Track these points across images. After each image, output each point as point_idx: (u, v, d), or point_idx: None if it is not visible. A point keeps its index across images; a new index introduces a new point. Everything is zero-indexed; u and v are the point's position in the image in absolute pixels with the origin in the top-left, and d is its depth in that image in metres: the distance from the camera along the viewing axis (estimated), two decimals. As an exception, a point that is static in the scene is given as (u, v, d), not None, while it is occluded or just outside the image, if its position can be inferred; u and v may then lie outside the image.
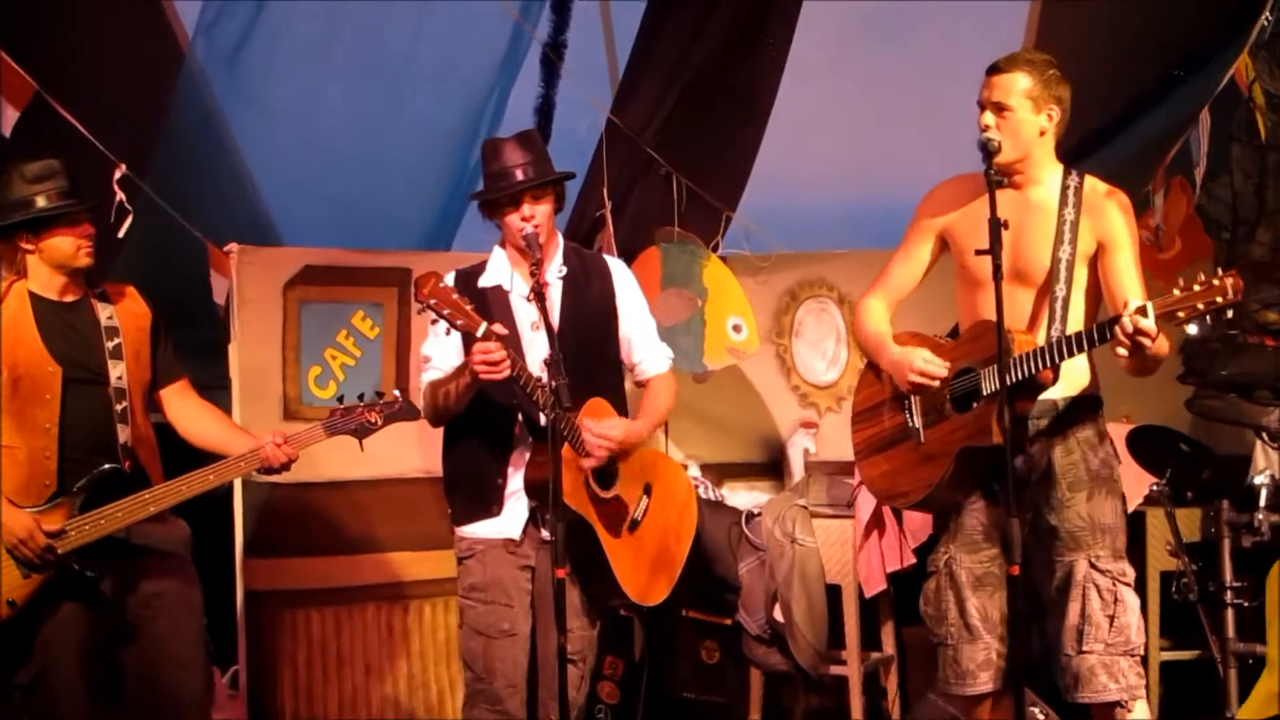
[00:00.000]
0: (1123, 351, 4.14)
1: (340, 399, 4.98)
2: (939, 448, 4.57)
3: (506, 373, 4.45)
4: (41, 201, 4.74)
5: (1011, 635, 4.48)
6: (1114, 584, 4.49)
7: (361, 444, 4.97)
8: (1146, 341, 4.10)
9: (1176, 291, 4.07)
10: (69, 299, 4.84)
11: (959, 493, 4.62)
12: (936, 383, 4.55)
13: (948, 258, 4.78)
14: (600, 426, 4.72)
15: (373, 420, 4.93)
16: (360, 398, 4.95)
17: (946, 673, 4.71)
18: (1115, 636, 4.48)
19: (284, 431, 4.89)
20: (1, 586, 4.61)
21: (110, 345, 4.84)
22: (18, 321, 4.74)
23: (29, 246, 4.77)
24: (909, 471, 4.68)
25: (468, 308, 4.43)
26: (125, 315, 4.92)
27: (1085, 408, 4.60)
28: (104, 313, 4.88)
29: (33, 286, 4.80)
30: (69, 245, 4.76)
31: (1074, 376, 4.55)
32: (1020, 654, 4.48)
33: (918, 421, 4.65)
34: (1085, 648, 4.48)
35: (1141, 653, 4.57)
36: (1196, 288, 4.03)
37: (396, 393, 5.00)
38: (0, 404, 4.70)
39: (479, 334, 4.43)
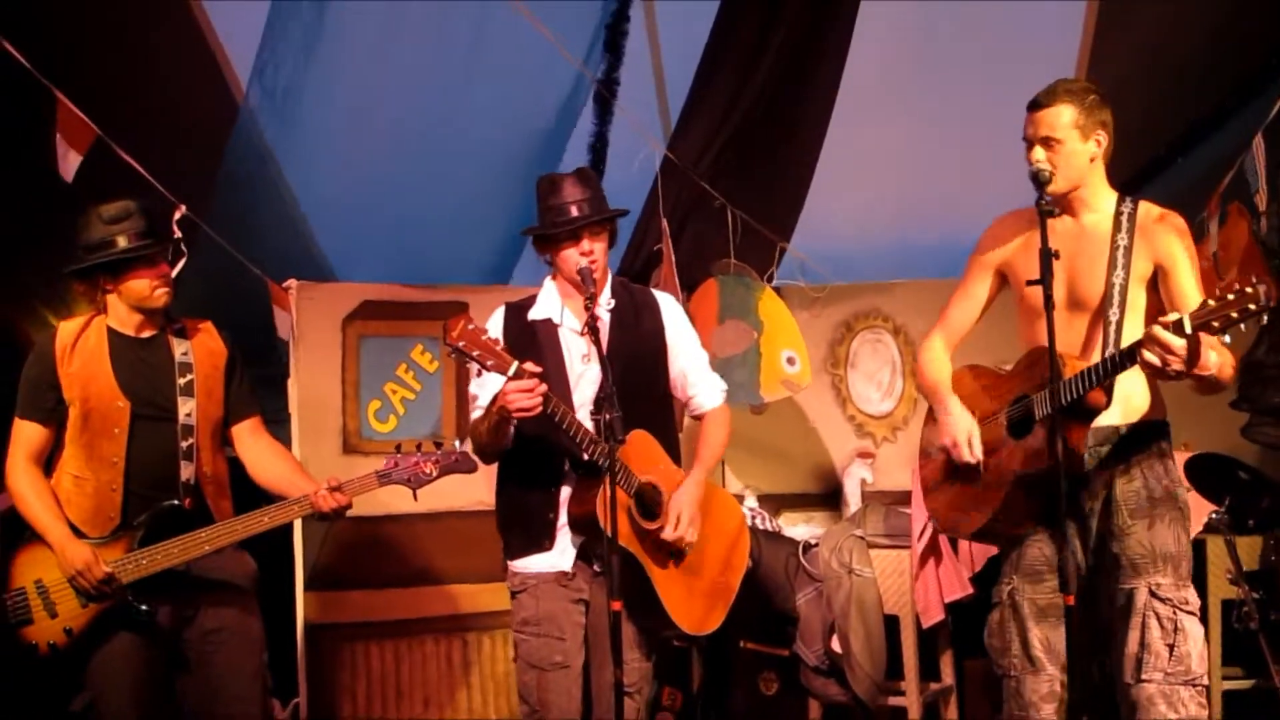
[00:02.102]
0: (1151, 359, 4.10)
1: (398, 447, 5.00)
2: (996, 476, 4.57)
3: (539, 409, 4.48)
4: (122, 242, 4.82)
5: (1071, 663, 4.44)
6: (1175, 612, 4.43)
7: (415, 494, 5.00)
8: (1170, 358, 4.06)
9: (1211, 302, 4.03)
10: (145, 335, 4.93)
11: (1019, 521, 4.60)
12: (971, 459, 4.59)
13: (1008, 291, 4.78)
14: (669, 525, 4.78)
15: (428, 471, 4.94)
16: (418, 446, 4.97)
17: (1010, 705, 4.68)
18: (1175, 666, 4.42)
19: (338, 478, 4.92)
20: (60, 614, 4.71)
21: (182, 382, 4.91)
22: (94, 356, 4.84)
23: (108, 286, 4.86)
24: (971, 502, 4.67)
25: (498, 348, 4.44)
26: (200, 352, 4.99)
27: (1148, 433, 4.56)
28: (179, 349, 4.95)
29: (111, 322, 4.90)
30: (146, 286, 4.85)
31: (1133, 401, 4.52)
32: (1078, 684, 4.46)
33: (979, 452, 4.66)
34: (1144, 676, 4.43)
35: (1204, 683, 4.49)
36: (1230, 296, 3.99)
37: (457, 444, 5.03)
38: (72, 435, 4.81)
39: (510, 374, 4.45)
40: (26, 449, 4.83)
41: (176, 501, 4.81)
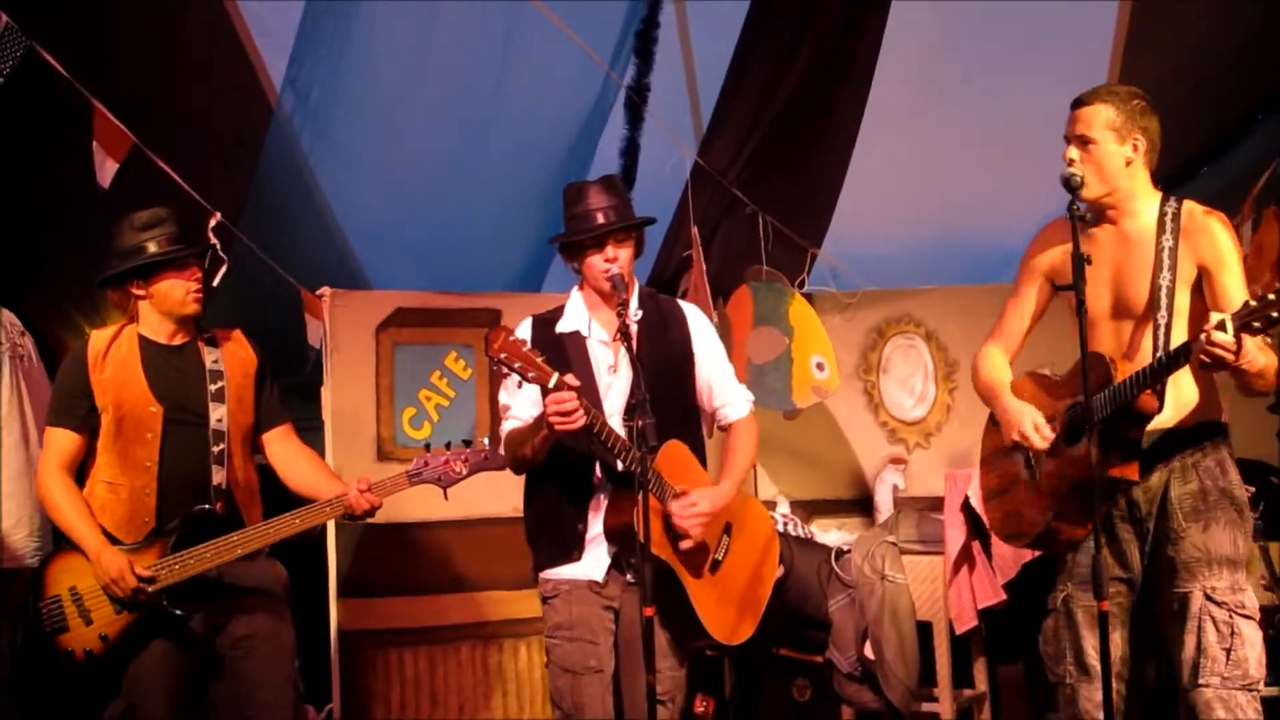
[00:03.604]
0: (1206, 360, 4.08)
1: (428, 446, 5.02)
2: (1052, 484, 4.53)
3: (580, 423, 4.46)
4: (152, 247, 4.87)
5: (1105, 671, 4.41)
6: (1231, 616, 4.37)
7: (445, 493, 5.01)
8: (1226, 355, 4.05)
9: (1252, 302, 4.03)
10: (177, 343, 4.97)
11: (1076, 528, 4.55)
12: (1041, 444, 4.52)
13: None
14: (684, 505, 4.68)
15: (458, 470, 4.97)
16: (448, 445, 4.99)
17: (1065, 713, 4.64)
18: (1232, 670, 4.36)
19: (369, 479, 4.96)
20: (96, 621, 4.74)
21: (213, 389, 4.95)
22: (126, 363, 4.88)
23: (140, 292, 4.91)
24: (1027, 511, 4.63)
25: (538, 360, 4.43)
26: (231, 360, 5.03)
27: (1205, 434, 4.50)
28: (210, 357, 4.99)
29: (143, 330, 4.94)
30: (179, 291, 4.89)
31: (1188, 403, 4.47)
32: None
33: (1034, 459, 4.63)
34: (1201, 681, 4.37)
35: (1261, 688, 4.43)
36: (1271, 296, 3.99)
37: (486, 442, 5.04)
38: (106, 442, 4.85)
39: (550, 386, 4.44)
40: (59, 457, 4.87)
41: (208, 505, 4.84)
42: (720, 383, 5.02)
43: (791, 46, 7.04)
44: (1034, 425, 4.54)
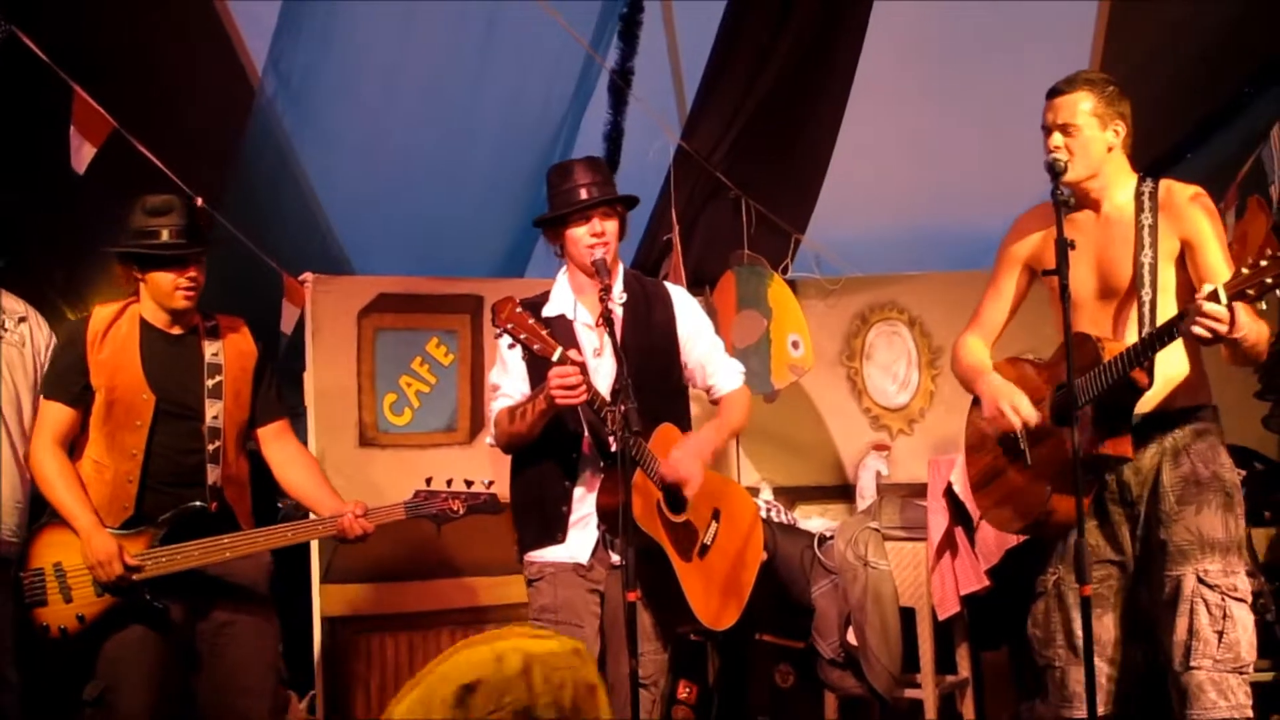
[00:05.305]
0: (1200, 332, 4.08)
1: (428, 481, 5.03)
2: (1045, 467, 4.52)
3: (584, 397, 4.47)
4: (164, 236, 4.83)
5: (1088, 657, 4.40)
6: (1223, 599, 4.38)
7: (439, 529, 5.06)
8: (1219, 327, 4.05)
9: (1245, 270, 4.02)
10: (177, 331, 4.95)
11: (1070, 512, 4.51)
12: (1018, 422, 4.52)
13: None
14: (667, 466, 4.73)
15: (455, 509, 5.03)
16: (449, 483, 5.01)
17: (1054, 696, 4.65)
18: (1224, 653, 4.36)
19: (365, 504, 4.97)
20: (75, 600, 4.73)
21: (210, 383, 4.93)
22: (124, 346, 4.86)
23: (138, 275, 4.89)
24: (1020, 496, 4.62)
25: (544, 333, 4.46)
26: (231, 352, 5.01)
27: (1194, 416, 4.52)
28: (210, 349, 4.97)
29: (144, 313, 4.92)
30: (168, 284, 4.86)
31: (1179, 385, 4.48)
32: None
33: (1024, 444, 4.59)
34: (1193, 663, 4.37)
35: (1252, 671, 4.44)
36: (1264, 263, 3.98)
37: (486, 482, 5.08)
38: (96, 422, 4.84)
39: (554, 358, 4.45)
40: (53, 430, 4.85)
41: (201, 504, 4.84)
42: (711, 361, 5.03)
43: (776, 31, 7.03)
44: (1011, 406, 4.55)
